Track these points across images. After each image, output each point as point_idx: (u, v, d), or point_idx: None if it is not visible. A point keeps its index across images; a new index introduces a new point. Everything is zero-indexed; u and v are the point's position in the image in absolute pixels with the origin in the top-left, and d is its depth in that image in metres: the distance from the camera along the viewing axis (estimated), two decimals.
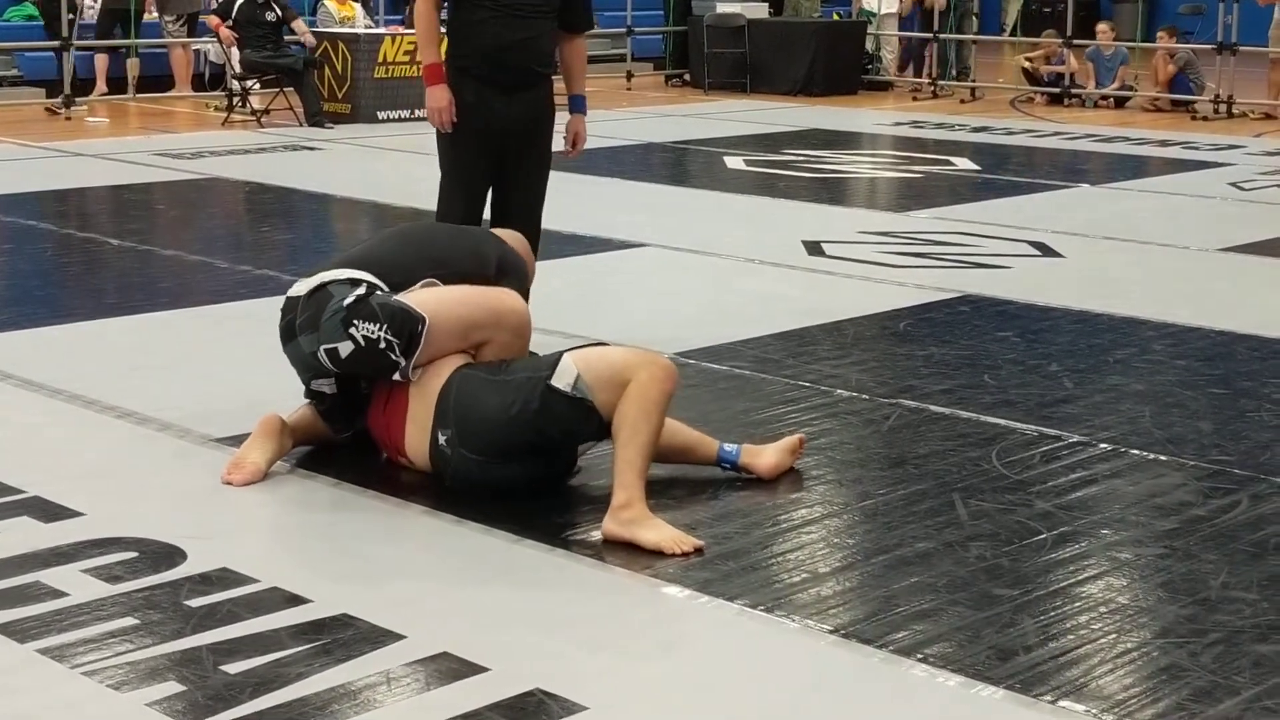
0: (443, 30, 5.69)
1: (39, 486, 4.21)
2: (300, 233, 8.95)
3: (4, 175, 10.23)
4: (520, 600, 3.56)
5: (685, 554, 3.77)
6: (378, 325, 4.18)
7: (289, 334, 4.42)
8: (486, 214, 5.70)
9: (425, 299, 4.27)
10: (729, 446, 4.39)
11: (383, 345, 4.18)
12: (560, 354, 4.12)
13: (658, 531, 3.82)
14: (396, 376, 4.25)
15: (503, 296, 4.44)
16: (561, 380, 4.03)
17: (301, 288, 4.42)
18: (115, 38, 14.67)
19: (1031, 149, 12.50)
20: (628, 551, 3.84)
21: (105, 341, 5.91)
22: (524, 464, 4.11)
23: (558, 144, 5.79)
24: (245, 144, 11.97)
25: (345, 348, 4.23)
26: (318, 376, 4.42)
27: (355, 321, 4.20)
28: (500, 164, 5.56)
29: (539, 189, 5.70)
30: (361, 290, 4.26)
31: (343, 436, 4.52)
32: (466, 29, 5.49)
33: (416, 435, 4.23)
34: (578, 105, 5.78)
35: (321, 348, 4.27)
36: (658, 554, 3.81)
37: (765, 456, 4.39)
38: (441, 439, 4.18)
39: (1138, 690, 3.17)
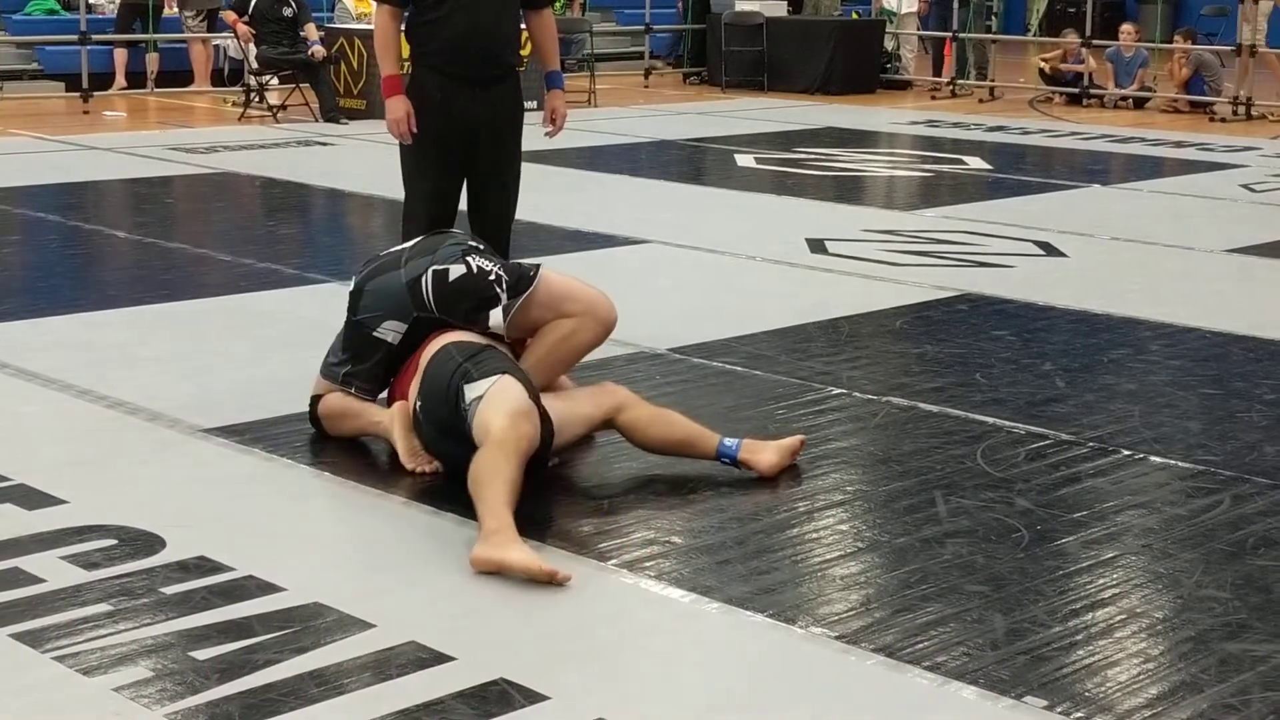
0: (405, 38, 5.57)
1: (25, 474, 4.25)
2: (306, 227, 9.00)
3: (19, 168, 10.30)
4: (490, 591, 3.58)
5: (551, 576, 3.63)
6: (494, 264, 4.48)
7: (378, 272, 4.55)
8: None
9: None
10: (729, 441, 4.40)
11: (492, 277, 4.44)
12: (503, 372, 4.16)
13: (525, 554, 3.66)
14: (493, 319, 4.41)
15: (599, 291, 4.67)
16: (471, 392, 4.11)
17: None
18: (134, 32, 14.75)
19: (1046, 149, 12.47)
20: (601, 545, 3.85)
21: (103, 333, 5.95)
22: (462, 445, 4.12)
23: (529, 142, 5.75)
24: (260, 139, 12.03)
25: (456, 270, 4.45)
26: (393, 318, 4.47)
27: (473, 256, 4.49)
28: (470, 162, 5.45)
29: (510, 188, 5.60)
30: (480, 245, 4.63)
31: (364, 398, 4.59)
32: (429, 25, 5.37)
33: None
34: (554, 81, 5.66)
35: (431, 269, 4.44)
36: (628, 546, 3.82)
37: (766, 454, 4.39)
38: (416, 406, 4.32)
39: (1105, 687, 3.18)
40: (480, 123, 5.40)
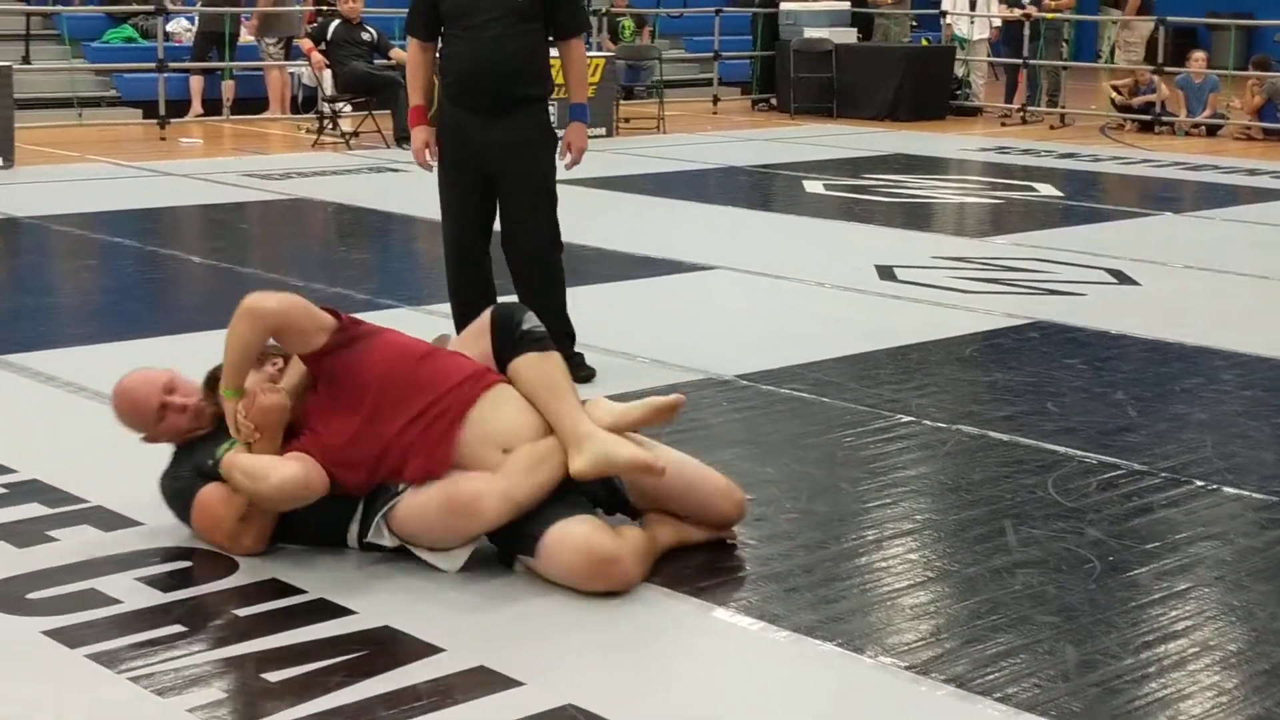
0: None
1: (102, 497, 4.32)
2: (378, 252, 9.08)
3: (97, 193, 10.47)
4: (558, 616, 3.59)
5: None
6: None
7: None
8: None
9: None
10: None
11: None
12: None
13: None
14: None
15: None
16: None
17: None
18: (210, 60, 14.96)
19: (1118, 176, 12.38)
20: (672, 572, 3.86)
21: (176, 358, 5.99)
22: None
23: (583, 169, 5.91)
24: (333, 165, 12.15)
25: None
26: None
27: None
28: (492, 190, 5.50)
29: (531, 219, 5.56)
30: None
31: None
32: (446, 58, 5.46)
33: None
34: (574, 114, 5.64)
35: None
36: (696, 573, 3.84)
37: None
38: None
39: None
40: (493, 150, 5.41)
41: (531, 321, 3.98)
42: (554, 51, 5.63)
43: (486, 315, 4.08)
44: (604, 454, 3.75)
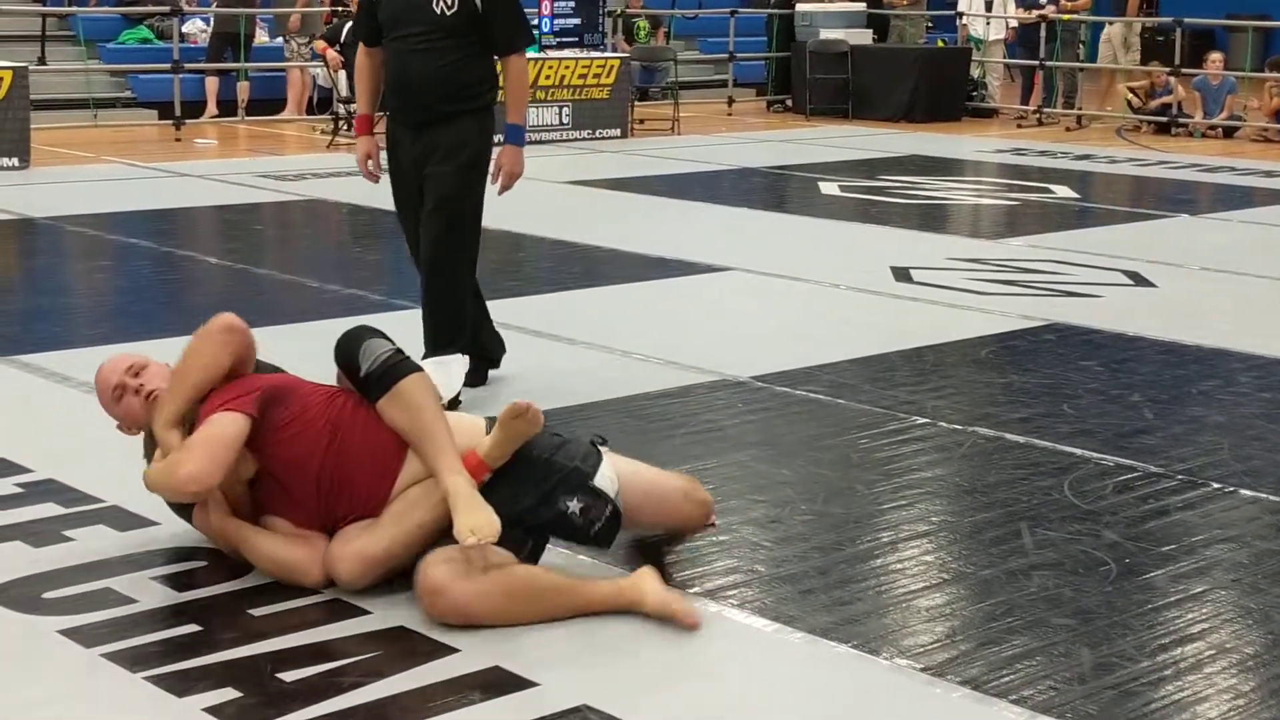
0: None
1: (118, 497, 4.32)
2: (391, 254, 9.07)
3: (112, 194, 10.49)
4: (574, 618, 3.58)
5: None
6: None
7: None
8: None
9: None
10: None
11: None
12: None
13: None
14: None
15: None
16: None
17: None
18: (225, 61, 14.98)
19: (1134, 178, 12.36)
20: (684, 574, 3.85)
21: None
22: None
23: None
24: (348, 166, 12.10)
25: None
26: None
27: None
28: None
29: (446, 235, 5.27)
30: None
31: None
32: (386, 68, 5.35)
33: None
34: (507, 135, 5.34)
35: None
36: (711, 574, 3.83)
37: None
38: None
39: None
40: (417, 163, 5.26)
41: (369, 358, 3.68)
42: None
43: None
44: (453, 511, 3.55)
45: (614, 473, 3.73)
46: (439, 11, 5.14)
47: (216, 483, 3.62)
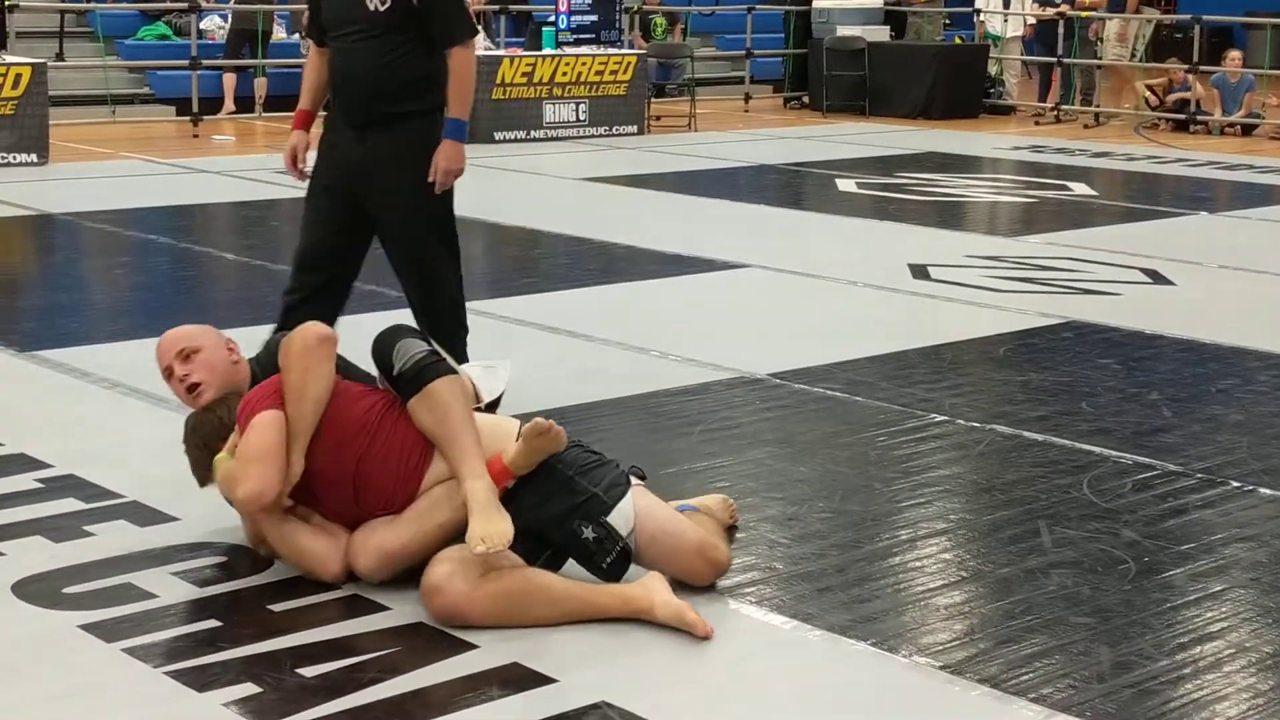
0: None
1: (137, 492, 4.34)
2: None
3: (130, 190, 10.52)
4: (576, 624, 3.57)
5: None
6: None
7: None
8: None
9: None
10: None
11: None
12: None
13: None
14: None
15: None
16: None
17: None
18: (243, 58, 15.01)
19: (1152, 175, 12.32)
20: None
21: None
22: None
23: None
24: None
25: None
26: None
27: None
28: (360, 215, 5.09)
29: (407, 248, 5.13)
30: None
31: None
32: (330, 68, 5.14)
33: None
34: (446, 130, 5.04)
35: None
36: (729, 571, 3.83)
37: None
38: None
39: None
40: (356, 166, 5.03)
41: (402, 358, 3.69)
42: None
43: None
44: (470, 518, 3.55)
45: (633, 511, 3.66)
46: (372, 8, 4.94)
47: (277, 493, 3.64)
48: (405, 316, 4.91)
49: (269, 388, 3.75)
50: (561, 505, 3.64)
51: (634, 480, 3.76)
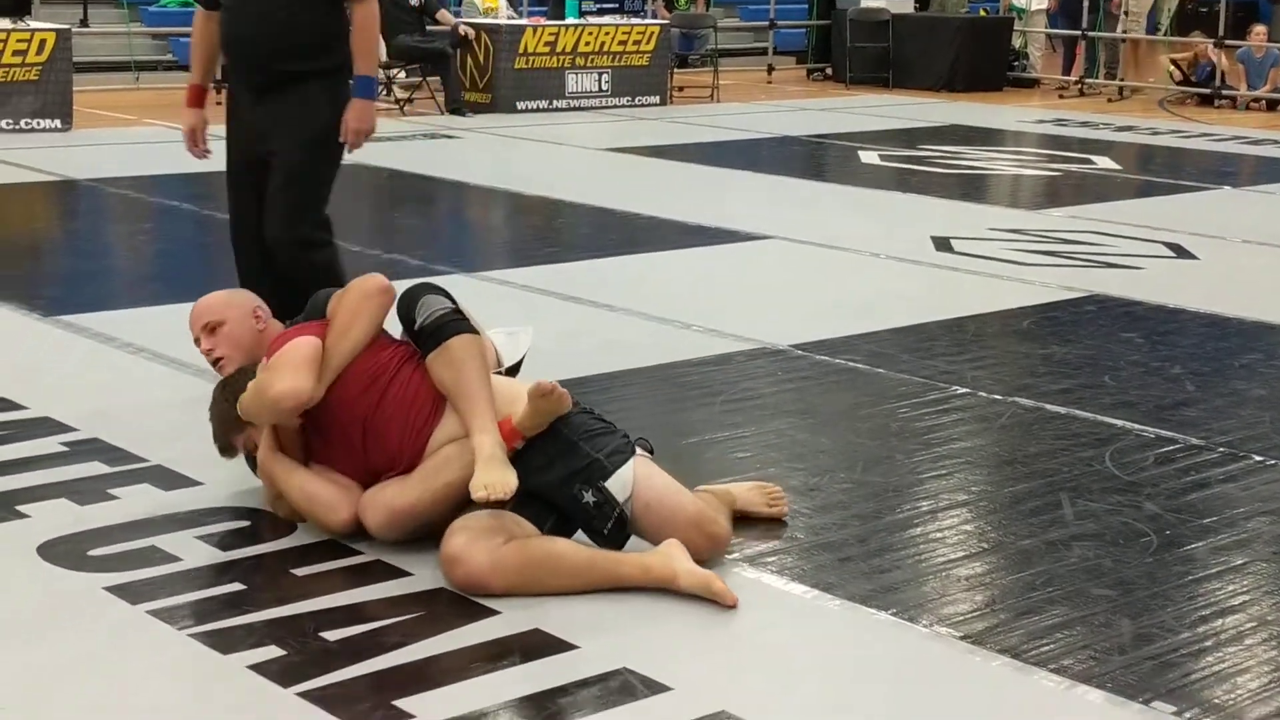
0: None
1: (162, 456, 4.36)
2: (430, 218, 9.11)
3: (153, 156, 10.52)
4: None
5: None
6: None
7: None
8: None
9: None
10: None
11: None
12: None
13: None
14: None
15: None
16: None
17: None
18: None
19: (1176, 150, 12.27)
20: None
21: None
22: None
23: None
24: (386, 131, 12.12)
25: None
26: None
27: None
28: (265, 179, 4.90)
29: (278, 208, 4.89)
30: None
31: None
32: (221, 27, 4.90)
33: None
34: (355, 88, 4.87)
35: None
36: (750, 540, 3.84)
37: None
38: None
39: (1234, 695, 3.13)
40: (258, 129, 4.85)
41: (425, 312, 3.73)
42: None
43: None
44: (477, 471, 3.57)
45: (632, 477, 3.64)
46: None
47: (311, 393, 3.65)
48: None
49: (307, 328, 3.80)
50: (564, 469, 3.64)
51: (639, 451, 3.76)
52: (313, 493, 3.74)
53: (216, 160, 5.21)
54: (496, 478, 3.51)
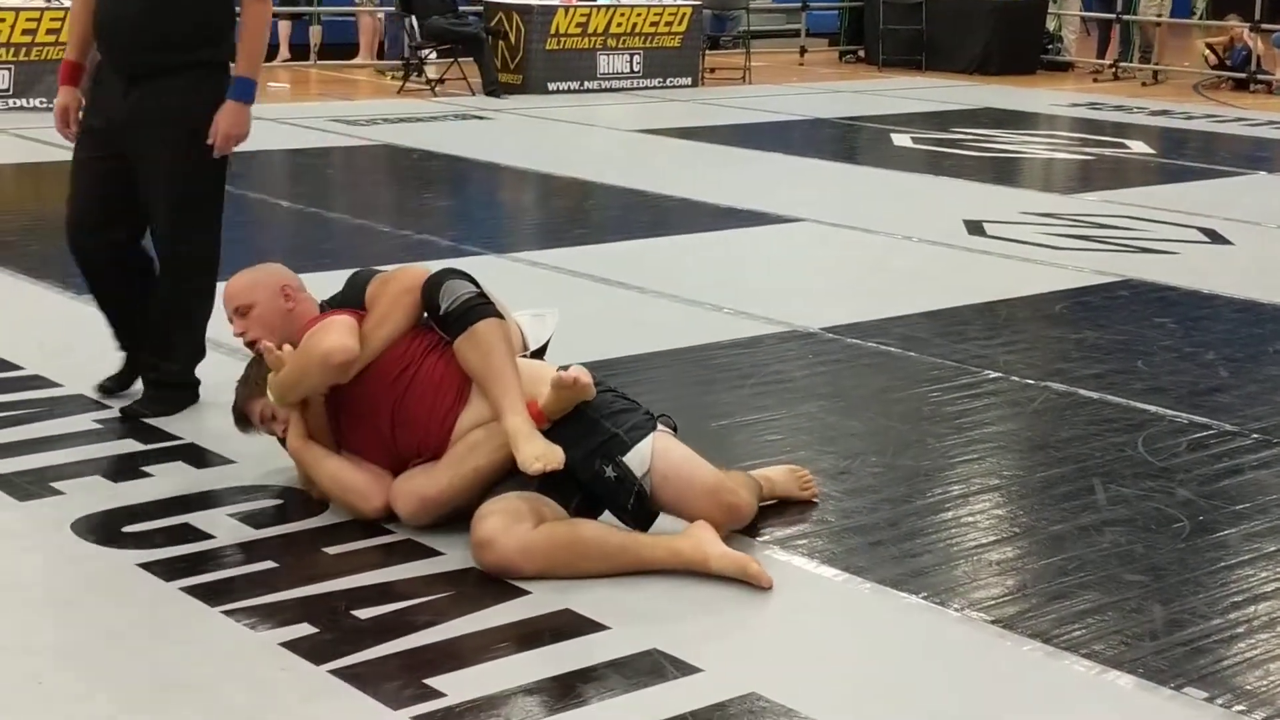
0: None
1: (193, 434, 4.38)
2: (461, 199, 9.12)
3: None
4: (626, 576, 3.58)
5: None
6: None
7: None
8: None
9: None
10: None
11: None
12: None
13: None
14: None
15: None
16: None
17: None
18: (298, 5, 15.03)
19: (1211, 134, 12.19)
20: (755, 522, 3.85)
21: None
22: None
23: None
24: (418, 112, 12.19)
25: None
26: None
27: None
28: (126, 173, 4.51)
29: (162, 212, 4.53)
30: None
31: None
32: (96, 7, 4.51)
33: None
34: (231, 89, 4.48)
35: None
36: (780, 523, 3.84)
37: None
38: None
39: (1267, 681, 3.12)
40: (126, 126, 4.46)
41: (450, 298, 3.72)
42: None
43: None
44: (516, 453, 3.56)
45: (650, 451, 3.63)
46: None
47: (356, 351, 3.67)
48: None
49: (340, 312, 3.81)
50: (588, 445, 3.65)
51: (660, 426, 3.75)
52: (345, 481, 3.76)
53: (248, 140, 5.18)
54: (544, 449, 3.53)
